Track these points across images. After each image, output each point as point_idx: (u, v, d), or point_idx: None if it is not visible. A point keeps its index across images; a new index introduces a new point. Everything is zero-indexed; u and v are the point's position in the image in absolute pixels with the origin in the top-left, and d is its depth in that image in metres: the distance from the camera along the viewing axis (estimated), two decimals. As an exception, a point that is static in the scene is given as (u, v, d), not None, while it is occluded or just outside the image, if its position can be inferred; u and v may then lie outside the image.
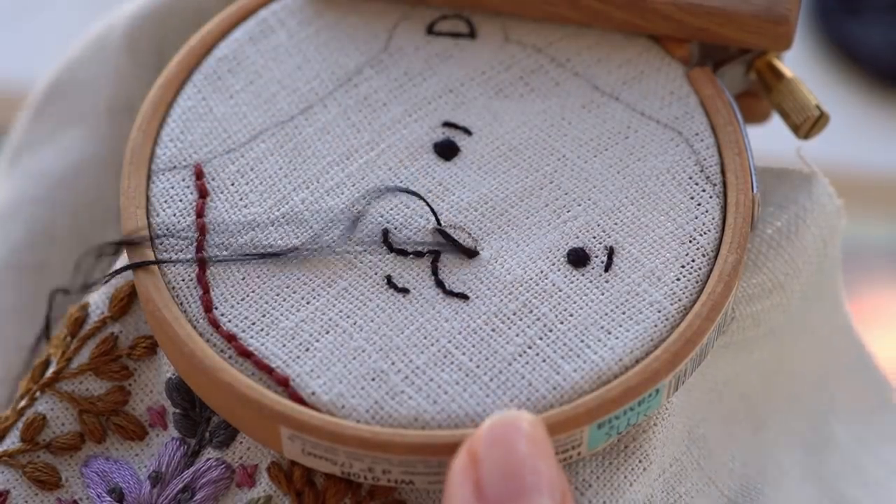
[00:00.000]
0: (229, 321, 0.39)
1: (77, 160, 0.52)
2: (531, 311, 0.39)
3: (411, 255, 0.40)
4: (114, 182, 0.51)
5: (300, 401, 0.38)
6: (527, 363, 0.39)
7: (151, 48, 0.50)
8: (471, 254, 0.40)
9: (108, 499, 0.41)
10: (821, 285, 0.45)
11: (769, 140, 0.49)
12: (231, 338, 0.39)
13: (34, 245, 0.53)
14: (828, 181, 0.44)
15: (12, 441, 0.41)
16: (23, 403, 0.42)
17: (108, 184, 0.52)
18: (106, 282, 0.42)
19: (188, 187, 0.42)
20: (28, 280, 0.53)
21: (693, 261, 0.40)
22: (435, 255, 0.40)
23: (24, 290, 0.53)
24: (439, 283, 0.40)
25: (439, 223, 0.41)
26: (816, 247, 0.43)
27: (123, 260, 0.43)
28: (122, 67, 0.51)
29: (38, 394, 0.42)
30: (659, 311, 0.39)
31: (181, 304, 0.40)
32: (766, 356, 0.45)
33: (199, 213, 0.41)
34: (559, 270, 0.40)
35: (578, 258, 0.40)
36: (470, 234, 0.41)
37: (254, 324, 0.39)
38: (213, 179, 0.42)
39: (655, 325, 0.39)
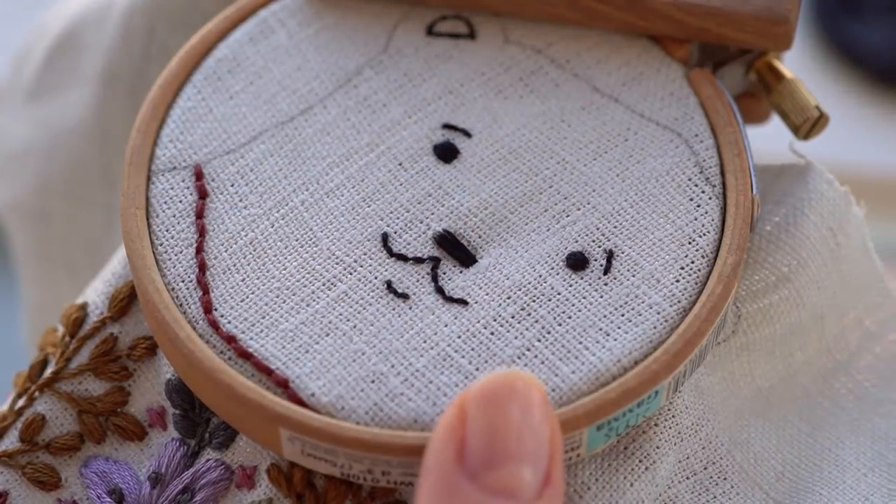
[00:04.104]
0: (229, 322, 0.39)
1: (72, 121, 0.54)
2: (530, 315, 0.39)
3: (411, 261, 0.40)
4: (94, 149, 0.52)
5: (300, 402, 0.38)
6: (525, 365, 0.38)
7: (143, 25, 0.51)
8: (470, 263, 0.40)
9: (108, 499, 0.41)
10: (842, 274, 0.44)
11: (768, 140, 0.48)
12: (231, 339, 0.39)
13: (36, 194, 0.55)
14: (825, 169, 0.44)
15: (11, 441, 0.41)
16: (21, 403, 0.42)
17: (90, 149, 0.53)
18: None
19: (188, 188, 0.42)
20: (32, 226, 0.55)
21: (692, 262, 0.40)
22: (435, 262, 0.40)
23: (30, 234, 0.55)
24: (439, 290, 0.40)
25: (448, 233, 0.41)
26: (822, 235, 0.43)
27: (122, 261, 0.43)
28: (115, 41, 0.52)
29: (36, 394, 0.42)
30: (658, 313, 0.39)
31: (181, 305, 0.40)
32: (810, 355, 0.44)
33: (199, 215, 0.41)
34: (558, 274, 0.40)
35: (577, 262, 0.40)
36: (470, 242, 0.41)
37: (253, 325, 0.39)
38: (212, 180, 0.42)
39: (654, 327, 0.39)
